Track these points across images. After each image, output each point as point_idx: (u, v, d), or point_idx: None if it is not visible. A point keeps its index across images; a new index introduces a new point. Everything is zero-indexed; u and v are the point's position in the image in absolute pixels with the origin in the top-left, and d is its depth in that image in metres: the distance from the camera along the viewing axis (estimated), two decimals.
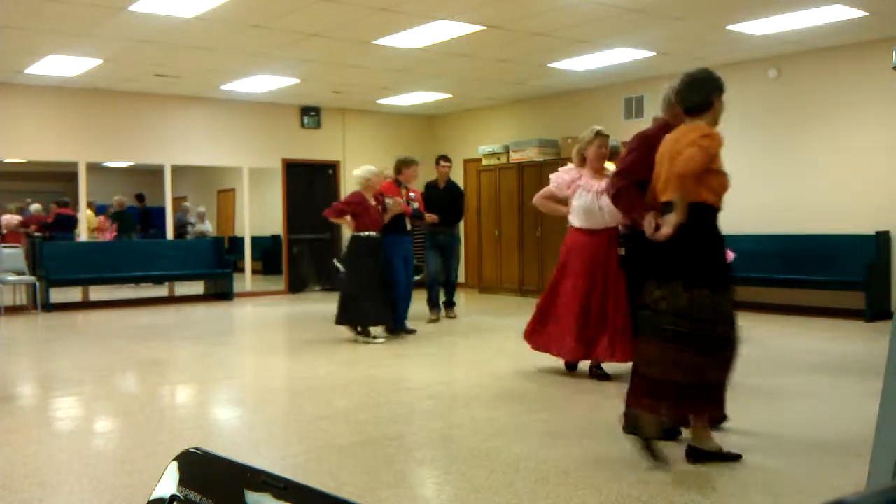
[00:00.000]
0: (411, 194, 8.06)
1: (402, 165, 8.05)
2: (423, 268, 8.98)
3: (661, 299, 3.48)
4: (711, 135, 3.50)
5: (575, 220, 5.50)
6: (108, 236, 13.39)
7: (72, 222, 11.82)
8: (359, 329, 7.46)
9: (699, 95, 3.62)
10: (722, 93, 3.66)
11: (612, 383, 5.32)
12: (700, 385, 3.47)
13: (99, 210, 13.30)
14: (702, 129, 3.53)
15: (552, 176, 5.70)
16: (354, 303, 7.34)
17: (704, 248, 3.54)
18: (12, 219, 12.40)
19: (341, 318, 7.45)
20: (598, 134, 5.45)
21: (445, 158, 9.40)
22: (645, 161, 3.84)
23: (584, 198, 5.42)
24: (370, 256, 7.39)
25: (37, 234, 11.54)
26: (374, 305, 7.32)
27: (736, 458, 3.58)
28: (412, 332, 7.79)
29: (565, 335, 5.38)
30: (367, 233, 7.42)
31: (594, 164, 5.47)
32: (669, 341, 3.43)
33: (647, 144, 3.93)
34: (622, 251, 4.98)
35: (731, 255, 4.86)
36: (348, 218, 7.53)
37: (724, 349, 3.49)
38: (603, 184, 4.99)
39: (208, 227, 14.06)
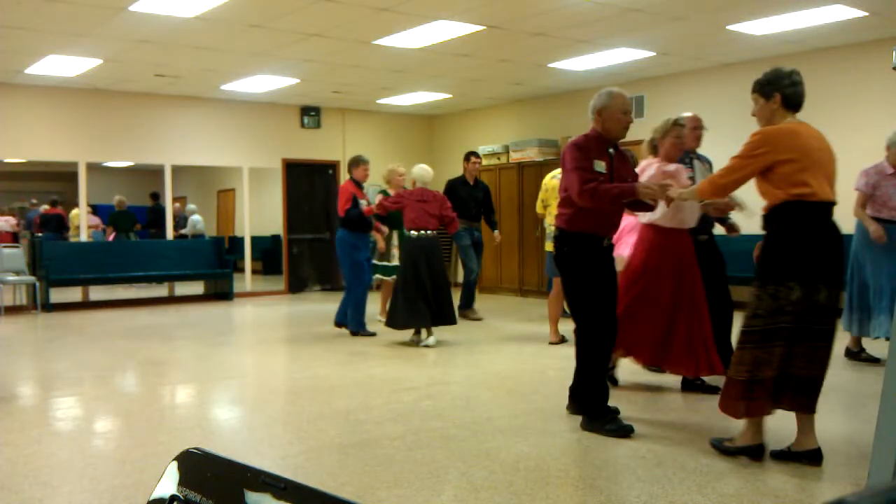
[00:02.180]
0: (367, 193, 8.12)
1: (352, 165, 7.95)
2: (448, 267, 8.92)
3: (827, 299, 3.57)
4: None
5: (662, 219, 4.77)
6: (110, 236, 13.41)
7: (59, 222, 11.90)
8: (414, 332, 7.25)
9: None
10: None
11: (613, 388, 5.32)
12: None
13: (100, 210, 13.30)
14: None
15: (647, 172, 4.81)
16: (409, 304, 7.00)
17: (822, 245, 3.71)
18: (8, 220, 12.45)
19: (391, 322, 7.16)
20: (676, 123, 4.88)
21: (476, 155, 9.39)
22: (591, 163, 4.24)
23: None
24: (422, 255, 7.07)
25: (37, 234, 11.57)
26: (429, 306, 7.02)
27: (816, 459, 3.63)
28: (372, 334, 7.78)
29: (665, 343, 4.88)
30: (418, 231, 7.11)
31: (671, 157, 4.90)
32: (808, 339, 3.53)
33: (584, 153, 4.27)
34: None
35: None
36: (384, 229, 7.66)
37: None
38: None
39: (197, 221, 14.04)
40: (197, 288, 12.36)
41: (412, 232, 7.16)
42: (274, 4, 7.11)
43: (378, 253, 8.36)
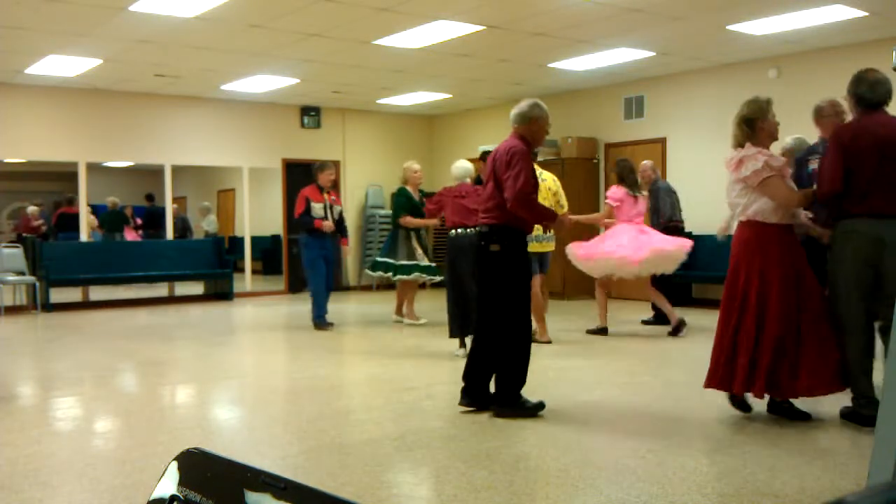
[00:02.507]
0: (332, 197, 8.33)
1: (317, 171, 8.21)
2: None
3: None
4: None
5: (772, 215, 4.21)
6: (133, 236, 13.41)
7: (74, 222, 11.90)
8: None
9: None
10: None
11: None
12: None
13: (100, 210, 13.30)
14: None
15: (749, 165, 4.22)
16: (461, 309, 6.48)
17: None
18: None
19: (455, 331, 6.65)
20: (770, 102, 4.37)
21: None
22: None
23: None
24: (461, 255, 6.51)
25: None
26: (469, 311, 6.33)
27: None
28: (331, 325, 8.30)
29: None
30: (456, 230, 6.66)
31: (767, 143, 4.32)
32: None
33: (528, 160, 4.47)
34: None
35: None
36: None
37: None
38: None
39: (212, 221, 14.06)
40: (197, 288, 12.36)
41: (451, 231, 6.72)
42: (274, 4, 7.11)
43: (401, 252, 8.29)
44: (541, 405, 4.53)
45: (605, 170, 11.26)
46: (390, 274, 8.34)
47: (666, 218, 8.02)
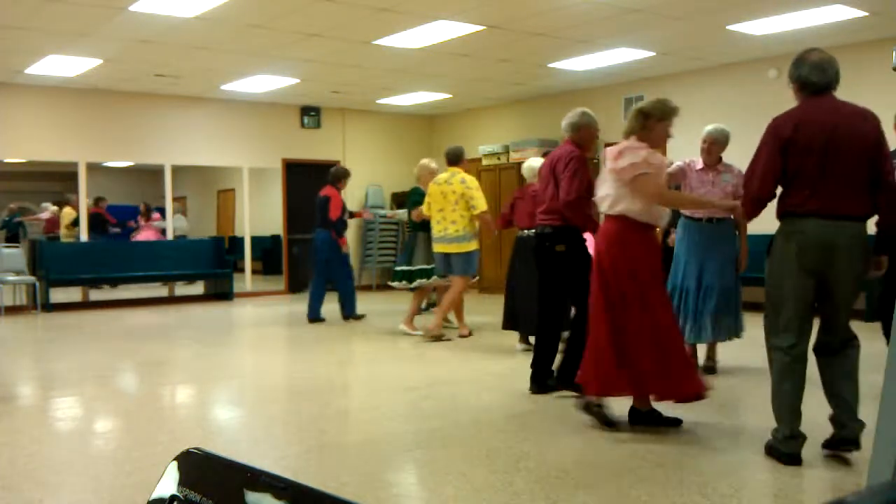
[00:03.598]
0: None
1: (344, 177, 9.27)
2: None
3: None
4: None
5: (639, 213, 4.12)
6: (152, 235, 13.37)
7: (102, 222, 11.96)
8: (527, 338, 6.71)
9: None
10: None
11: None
12: None
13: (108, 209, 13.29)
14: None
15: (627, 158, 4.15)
16: (525, 309, 6.45)
17: None
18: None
19: (508, 325, 6.88)
20: (676, 111, 4.31)
21: None
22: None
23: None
24: (517, 256, 6.69)
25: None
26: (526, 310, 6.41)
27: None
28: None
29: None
30: (521, 231, 6.68)
31: (654, 144, 4.29)
32: None
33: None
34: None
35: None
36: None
37: None
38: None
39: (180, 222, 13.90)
40: (197, 288, 12.35)
41: (521, 232, 6.71)
42: (274, 4, 7.11)
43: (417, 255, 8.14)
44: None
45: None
46: (405, 282, 8.06)
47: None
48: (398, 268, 8.28)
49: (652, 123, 4.15)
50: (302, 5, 7.11)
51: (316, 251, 8.99)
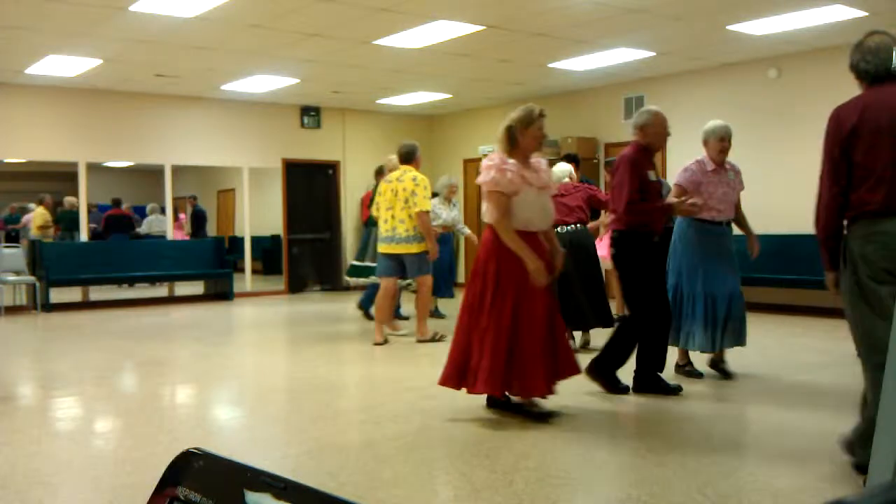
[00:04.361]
0: None
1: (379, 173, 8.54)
2: None
3: None
4: None
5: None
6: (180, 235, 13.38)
7: (128, 223, 11.97)
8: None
9: None
10: None
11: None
12: None
13: (101, 210, 13.28)
14: None
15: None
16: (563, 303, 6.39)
17: None
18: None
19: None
20: (542, 114, 4.41)
21: None
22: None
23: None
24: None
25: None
26: (575, 307, 6.34)
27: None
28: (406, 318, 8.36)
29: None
30: (555, 228, 6.69)
31: (532, 149, 4.45)
32: None
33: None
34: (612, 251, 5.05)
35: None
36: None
37: None
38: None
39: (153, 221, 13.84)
40: (197, 288, 12.35)
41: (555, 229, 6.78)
42: (274, 4, 7.11)
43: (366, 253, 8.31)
44: (678, 388, 4.99)
45: (605, 169, 11.26)
46: (360, 277, 8.21)
47: None
48: (354, 262, 8.43)
49: (519, 135, 4.32)
50: (302, 5, 7.11)
51: None
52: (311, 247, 13.12)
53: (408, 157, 7.23)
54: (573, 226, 6.50)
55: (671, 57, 9.41)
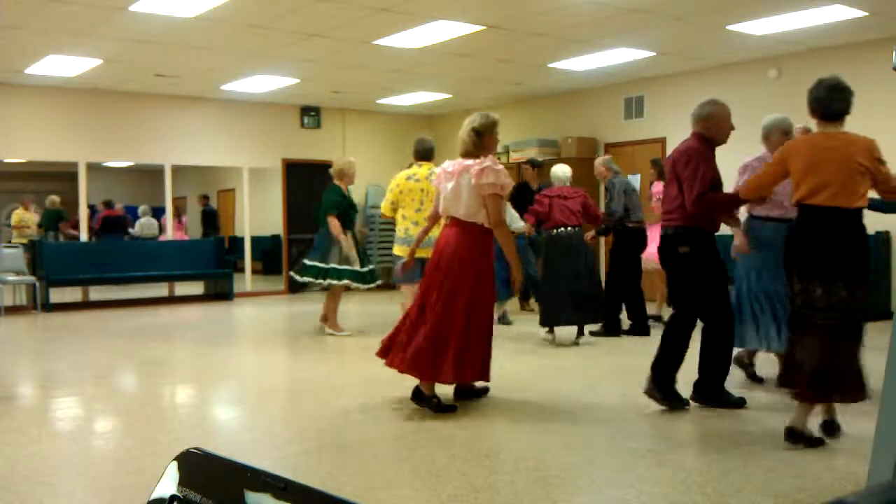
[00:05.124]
0: None
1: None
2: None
3: (824, 295, 3.71)
4: (877, 145, 3.80)
5: (485, 219, 4.70)
6: (179, 234, 13.38)
7: (121, 224, 11.96)
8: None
9: (845, 102, 3.85)
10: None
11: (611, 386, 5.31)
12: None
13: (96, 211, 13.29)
14: (867, 142, 3.80)
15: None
16: (550, 301, 7.09)
17: (865, 247, 3.81)
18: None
19: (541, 320, 7.24)
20: (497, 123, 4.84)
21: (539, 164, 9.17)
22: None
23: None
24: (565, 252, 7.04)
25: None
26: (573, 303, 6.92)
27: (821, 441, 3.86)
28: None
29: None
30: (558, 229, 7.07)
31: (490, 152, 4.79)
32: (837, 334, 3.71)
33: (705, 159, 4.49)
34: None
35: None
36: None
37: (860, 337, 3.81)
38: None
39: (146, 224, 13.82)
40: (197, 288, 12.35)
41: (553, 230, 7.09)
42: (274, 4, 7.11)
43: (342, 256, 7.95)
44: (742, 400, 4.65)
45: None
46: (320, 279, 7.88)
47: (615, 217, 7.51)
48: (309, 262, 7.96)
49: (486, 139, 4.72)
50: (302, 5, 7.11)
51: None
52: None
53: (426, 154, 6.93)
54: (573, 228, 7.08)
55: (671, 57, 9.41)
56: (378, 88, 11.44)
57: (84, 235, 11.51)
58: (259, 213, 12.97)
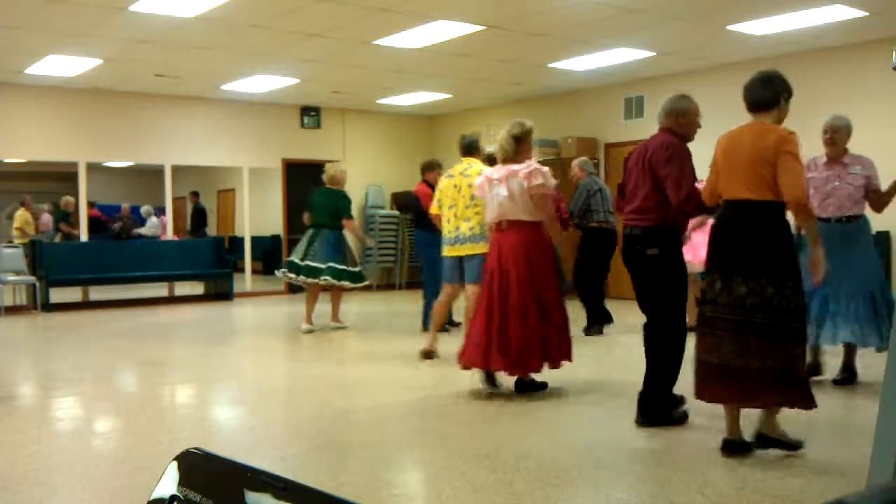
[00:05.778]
0: None
1: (427, 168, 7.90)
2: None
3: (749, 293, 3.52)
4: (793, 138, 3.54)
5: (533, 218, 5.08)
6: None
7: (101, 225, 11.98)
8: None
9: (769, 91, 3.74)
10: (790, 95, 3.80)
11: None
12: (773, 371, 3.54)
13: (103, 210, 13.30)
14: (779, 132, 3.57)
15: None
16: None
17: (785, 243, 3.59)
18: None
19: None
20: (532, 131, 5.34)
21: None
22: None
23: None
24: None
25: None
26: None
27: (799, 445, 3.69)
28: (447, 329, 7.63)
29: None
30: None
31: (527, 158, 5.16)
32: (749, 332, 3.53)
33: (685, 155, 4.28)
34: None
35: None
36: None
37: (797, 339, 3.56)
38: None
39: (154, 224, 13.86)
40: (197, 288, 12.35)
41: None
42: (274, 4, 7.11)
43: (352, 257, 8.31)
44: (685, 415, 4.29)
45: (605, 169, 11.26)
46: (298, 275, 8.14)
47: (574, 217, 7.65)
48: (339, 265, 8.06)
49: (524, 145, 5.11)
50: (302, 5, 7.11)
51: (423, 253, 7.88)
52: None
53: (469, 148, 6.64)
54: None
55: (671, 57, 9.41)
56: (378, 88, 11.44)
57: (84, 235, 11.51)
58: (259, 213, 12.97)
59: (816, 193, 5.12)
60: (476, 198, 6.07)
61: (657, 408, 4.21)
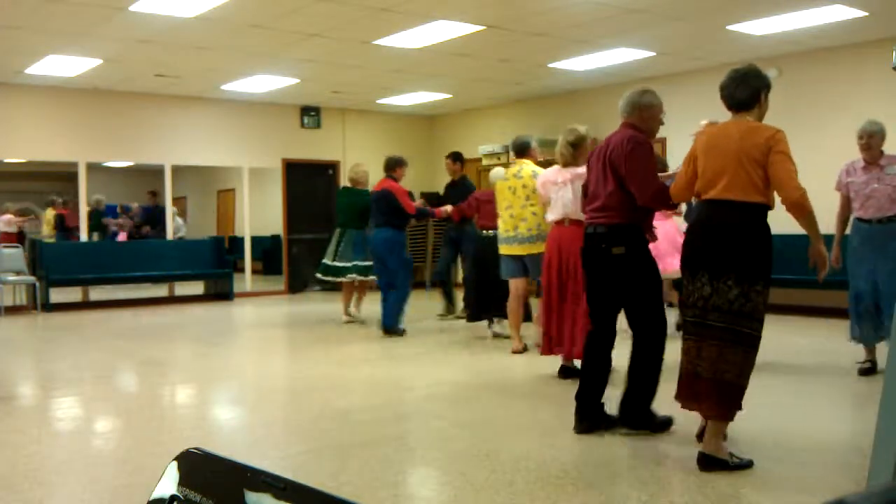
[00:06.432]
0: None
1: (397, 165, 8.34)
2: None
3: (712, 295, 3.42)
4: (784, 137, 3.44)
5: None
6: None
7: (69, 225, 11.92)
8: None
9: (748, 89, 3.67)
10: (769, 89, 3.73)
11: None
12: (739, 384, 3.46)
13: (108, 210, 13.26)
14: (768, 132, 3.44)
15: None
16: (484, 297, 7.62)
17: (764, 247, 3.47)
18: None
19: (469, 315, 7.97)
20: (587, 136, 5.50)
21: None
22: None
23: None
24: (492, 252, 7.03)
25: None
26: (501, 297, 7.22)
27: (749, 464, 3.51)
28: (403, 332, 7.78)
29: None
30: (486, 230, 7.46)
31: (582, 163, 5.12)
32: (723, 339, 3.41)
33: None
34: None
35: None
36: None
37: (755, 347, 3.47)
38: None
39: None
40: (197, 288, 12.35)
41: (483, 231, 7.52)
42: (274, 4, 7.11)
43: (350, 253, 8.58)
44: (669, 421, 4.12)
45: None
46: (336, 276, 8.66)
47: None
48: (362, 262, 8.52)
49: (581, 151, 5.27)
50: (302, 5, 7.11)
51: (379, 252, 7.89)
52: (311, 247, 13.10)
53: (522, 149, 6.62)
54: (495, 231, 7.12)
55: (671, 57, 9.40)
56: (378, 88, 11.44)
57: (84, 235, 11.50)
58: (259, 213, 12.96)
59: (857, 196, 5.38)
60: (531, 197, 6.29)
61: (640, 411, 4.10)
